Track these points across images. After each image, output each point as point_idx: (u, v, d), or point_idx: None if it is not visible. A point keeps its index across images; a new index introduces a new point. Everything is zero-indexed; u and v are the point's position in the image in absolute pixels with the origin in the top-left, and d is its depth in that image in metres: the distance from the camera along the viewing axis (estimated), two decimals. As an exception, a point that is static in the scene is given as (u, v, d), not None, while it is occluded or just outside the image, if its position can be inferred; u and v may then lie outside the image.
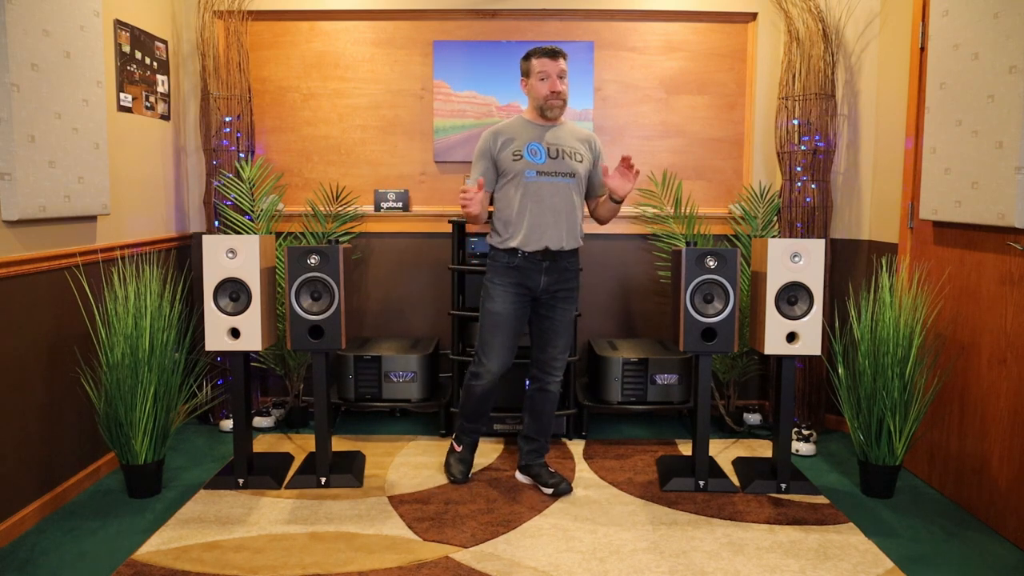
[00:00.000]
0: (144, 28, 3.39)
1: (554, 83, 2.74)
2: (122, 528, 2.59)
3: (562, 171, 2.77)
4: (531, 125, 2.83)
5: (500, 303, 2.81)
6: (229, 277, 2.79)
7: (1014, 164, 2.41)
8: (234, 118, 3.60)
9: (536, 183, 2.75)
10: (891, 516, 2.74)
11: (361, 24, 3.85)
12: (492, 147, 2.80)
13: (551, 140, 2.79)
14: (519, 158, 2.75)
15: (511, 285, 2.80)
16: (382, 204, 3.81)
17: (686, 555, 2.41)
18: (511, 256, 2.79)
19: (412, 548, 2.44)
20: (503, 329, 2.81)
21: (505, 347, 2.83)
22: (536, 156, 2.75)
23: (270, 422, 3.67)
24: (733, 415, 3.69)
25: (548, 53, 2.74)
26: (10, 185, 2.46)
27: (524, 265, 2.78)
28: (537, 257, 2.77)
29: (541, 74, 2.74)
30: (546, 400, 2.92)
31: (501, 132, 2.82)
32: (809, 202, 3.55)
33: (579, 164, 2.80)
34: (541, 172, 2.75)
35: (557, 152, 2.78)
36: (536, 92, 2.78)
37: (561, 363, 2.91)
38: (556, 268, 2.80)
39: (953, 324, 2.87)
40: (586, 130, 2.94)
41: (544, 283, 2.80)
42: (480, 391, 2.88)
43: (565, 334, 2.89)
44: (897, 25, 3.32)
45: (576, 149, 2.82)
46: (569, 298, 2.87)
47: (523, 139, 2.78)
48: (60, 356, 2.78)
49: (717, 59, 3.87)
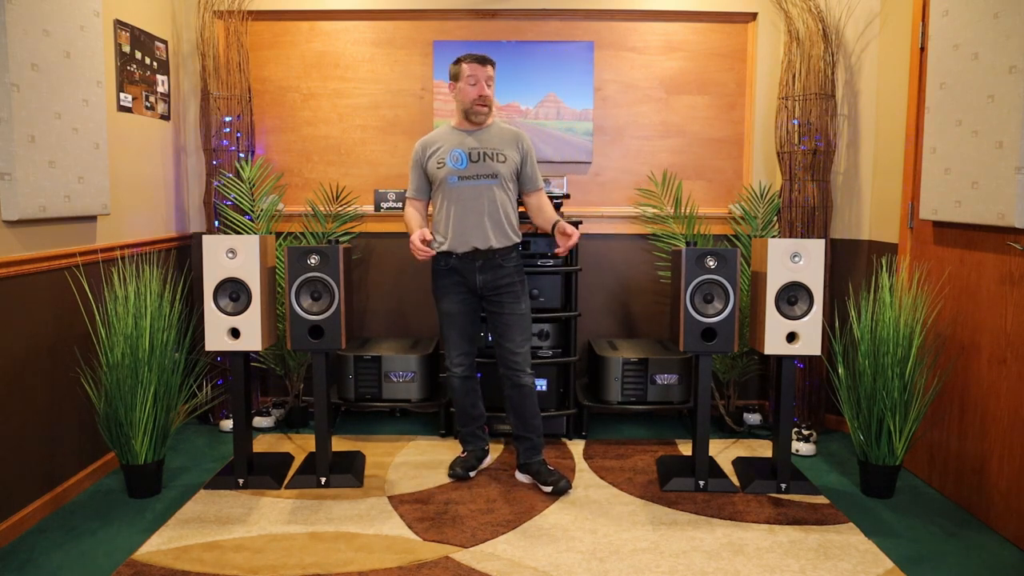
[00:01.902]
0: (144, 28, 3.39)
1: (481, 88, 2.85)
2: (122, 528, 2.59)
3: (483, 173, 2.87)
4: (456, 132, 2.93)
5: (448, 303, 2.97)
6: (229, 277, 2.79)
7: (1014, 164, 2.41)
8: (234, 118, 3.60)
9: (458, 188, 2.87)
10: (891, 516, 2.74)
11: (361, 24, 3.85)
12: (421, 158, 2.95)
13: (473, 144, 2.89)
14: (442, 165, 2.88)
15: (453, 285, 2.95)
16: (382, 204, 3.81)
17: (686, 555, 2.41)
18: (447, 258, 2.92)
19: (412, 548, 2.44)
20: (456, 325, 2.97)
21: (463, 339, 2.98)
22: (458, 162, 2.87)
23: (270, 422, 3.67)
24: (733, 415, 3.69)
25: (478, 59, 2.88)
26: (10, 185, 2.46)
27: (460, 266, 2.91)
28: (469, 257, 2.89)
29: (471, 78, 2.85)
30: (522, 395, 2.94)
31: (428, 143, 2.96)
32: (809, 202, 3.54)
33: (501, 164, 2.89)
34: (462, 176, 2.87)
35: (479, 155, 2.88)
36: (464, 96, 2.87)
37: (522, 357, 2.93)
38: (491, 266, 2.90)
39: (953, 324, 2.87)
40: (514, 128, 3.01)
41: (481, 281, 2.90)
42: (455, 386, 3.02)
43: (518, 327, 2.93)
44: (897, 25, 3.32)
45: (499, 149, 2.90)
46: (513, 292, 2.93)
47: (447, 147, 2.90)
48: (60, 356, 2.78)
49: (717, 59, 3.87)
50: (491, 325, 2.98)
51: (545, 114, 3.83)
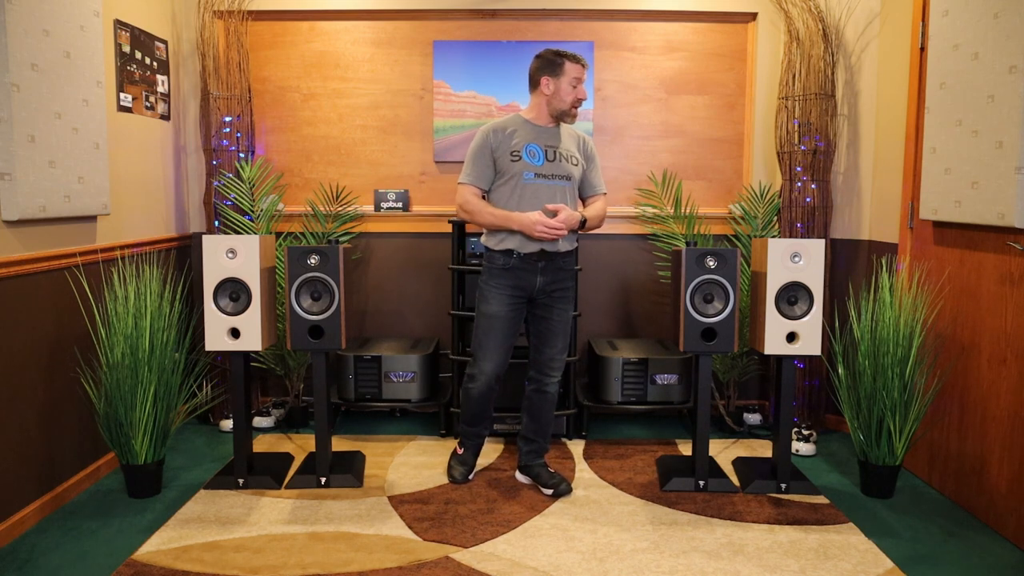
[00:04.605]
0: (144, 28, 3.39)
1: (583, 90, 2.75)
2: (122, 528, 2.59)
3: (559, 174, 2.77)
4: (529, 125, 2.80)
5: (495, 305, 2.79)
6: (229, 277, 2.79)
7: (1014, 164, 2.41)
8: (234, 118, 3.60)
9: (533, 185, 2.74)
10: (891, 516, 2.74)
11: (361, 24, 3.85)
12: (492, 144, 2.76)
13: (549, 142, 2.79)
14: (518, 159, 2.73)
15: (506, 287, 2.79)
16: (382, 204, 3.81)
17: (686, 555, 2.41)
18: (507, 257, 2.77)
19: (412, 548, 2.44)
20: (498, 331, 2.80)
21: (500, 349, 2.81)
22: (534, 158, 2.75)
23: (270, 422, 3.67)
24: (733, 415, 3.69)
25: (582, 61, 2.74)
26: (10, 185, 2.46)
27: (520, 266, 2.77)
28: (533, 258, 2.76)
29: (575, 80, 2.73)
30: (544, 401, 2.91)
31: (499, 130, 2.78)
32: (809, 202, 3.55)
33: (574, 167, 2.82)
34: (539, 174, 2.74)
35: (555, 155, 2.78)
36: (562, 95, 2.74)
37: (559, 364, 2.90)
38: (552, 268, 2.80)
39: (953, 324, 2.87)
40: (579, 131, 2.94)
41: (540, 284, 2.80)
42: (476, 394, 2.87)
43: (563, 335, 2.88)
44: (897, 25, 3.32)
45: (572, 152, 2.83)
46: (566, 298, 2.87)
47: (521, 139, 2.76)
48: (60, 356, 2.78)
49: (717, 59, 3.86)
50: (534, 329, 2.88)
51: (545, 114, 3.83)
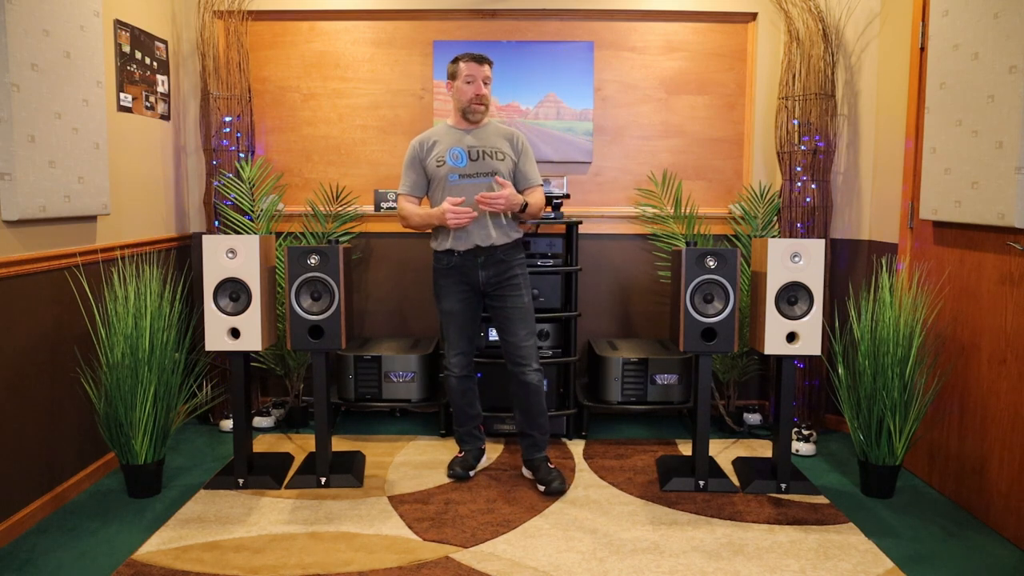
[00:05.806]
0: (144, 28, 3.39)
1: (479, 86, 2.86)
2: (122, 528, 2.59)
3: (483, 171, 2.88)
4: (453, 130, 2.94)
5: (449, 301, 2.97)
6: (229, 277, 2.79)
7: (1014, 164, 2.41)
8: (234, 118, 3.60)
9: (459, 185, 2.87)
10: (891, 516, 2.74)
11: (361, 24, 3.85)
12: (419, 154, 2.94)
13: (472, 143, 2.91)
14: (442, 164, 2.89)
15: (455, 283, 2.95)
16: (382, 204, 3.81)
17: (686, 555, 2.41)
18: (449, 257, 2.92)
19: (412, 548, 2.44)
20: (456, 323, 2.98)
21: (462, 339, 2.99)
22: (458, 160, 2.88)
23: (270, 422, 3.67)
24: (733, 415, 3.69)
25: (475, 58, 2.88)
26: (10, 185, 2.46)
27: (461, 264, 2.91)
28: (471, 255, 2.89)
29: (468, 77, 2.86)
30: (527, 392, 2.93)
31: (425, 140, 2.95)
32: (809, 202, 3.55)
33: (500, 162, 2.91)
34: (463, 175, 2.88)
35: (478, 154, 2.89)
36: (461, 95, 2.88)
37: (528, 351, 2.93)
38: (492, 262, 2.90)
39: (953, 324, 2.87)
40: (509, 128, 3.02)
41: (484, 278, 2.91)
42: (453, 386, 3.02)
43: (521, 321, 2.92)
44: (897, 25, 3.32)
45: (498, 148, 2.92)
46: (515, 286, 2.93)
47: (445, 144, 2.91)
48: (60, 356, 2.78)
49: (717, 59, 3.86)
50: (495, 321, 2.98)
51: (545, 114, 3.83)
